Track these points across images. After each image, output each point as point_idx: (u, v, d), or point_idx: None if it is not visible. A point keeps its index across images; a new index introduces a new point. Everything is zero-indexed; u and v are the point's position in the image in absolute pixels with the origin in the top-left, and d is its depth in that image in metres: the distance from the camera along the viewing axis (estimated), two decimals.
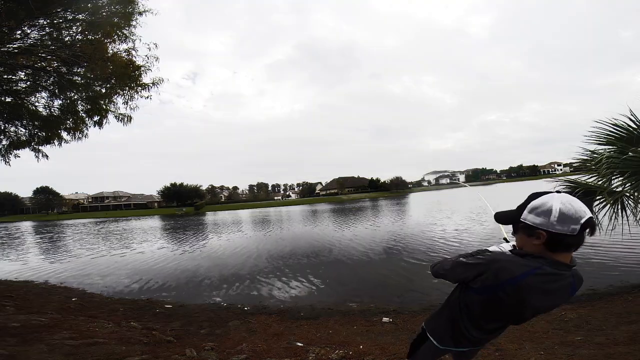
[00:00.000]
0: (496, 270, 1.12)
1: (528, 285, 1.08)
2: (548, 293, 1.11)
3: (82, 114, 7.30)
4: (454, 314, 1.35)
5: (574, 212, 1.04)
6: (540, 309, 1.17)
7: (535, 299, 1.11)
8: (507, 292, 1.11)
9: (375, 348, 3.40)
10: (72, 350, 2.98)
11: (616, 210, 4.14)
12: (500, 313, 1.20)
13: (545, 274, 1.09)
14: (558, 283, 1.11)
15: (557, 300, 1.16)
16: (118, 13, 6.00)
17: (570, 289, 1.15)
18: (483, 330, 1.30)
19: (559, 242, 1.07)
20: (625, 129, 4.12)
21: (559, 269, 1.10)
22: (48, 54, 5.83)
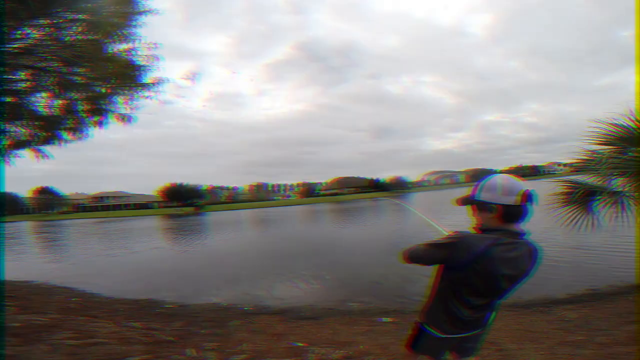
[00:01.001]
0: (466, 246, 1.26)
1: (493, 255, 1.24)
2: (512, 260, 1.27)
3: (82, 114, 7.30)
4: (442, 298, 1.44)
5: (512, 186, 1.26)
6: (512, 276, 1.30)
7: (503, 267, 1.26)
8: (478, 264, 1.25)
9: (377, 348, 3.40)
10: (73, 350, 2.98)
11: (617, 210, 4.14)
12: (480, 286, 1.32)
13: (505, 243, 1.26)
14: (518, 250, 1.29)
15: (523, 266, 1.32)
16: (119, 13, 6.00)
17: (532, 256, 1.35)
18: (472, 308, 1.38)
19: (508, 213, 1.27)
20: (626, 128, 4.12)
21: (514, 237, 1.29)
22: (49, 54, 5.83)
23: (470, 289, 1.34)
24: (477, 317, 1.42)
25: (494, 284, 1.30)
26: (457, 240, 1.29)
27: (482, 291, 1.34)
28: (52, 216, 67.64)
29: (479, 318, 1.44)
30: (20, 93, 6.69)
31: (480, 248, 1.24)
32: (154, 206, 79.32)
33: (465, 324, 1.42)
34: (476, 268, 1.26)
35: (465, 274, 1.30)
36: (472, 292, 1.35)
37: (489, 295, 1.37)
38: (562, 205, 4.81)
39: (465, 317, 1.40)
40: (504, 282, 1.30)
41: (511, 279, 1.31)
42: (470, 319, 1.41)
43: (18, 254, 15.19)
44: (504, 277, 1.29)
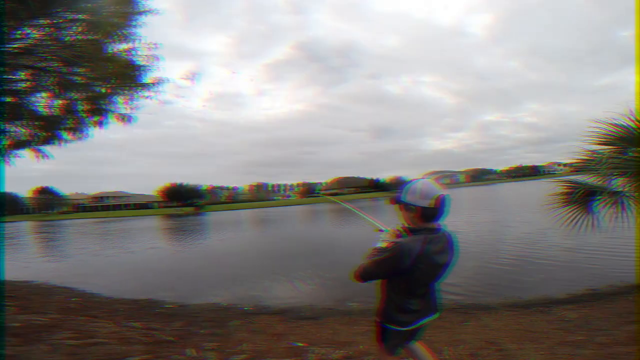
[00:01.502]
0: (406, 252, 1.43)
1: (428, 252, 1.46)
2: (440, 251, 1.52)
3: (82, 114, 7.30)
4: (393, 297, 1.63)
5: (429, 191, 1.47)
6: (445, 264, 1.58)
7: (437, 258, 1.51)
8: (420, 263, 1.45)
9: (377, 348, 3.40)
10: (73, 350, 2.99)
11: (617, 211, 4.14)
12: (423, 278, 1.54)
13: (432, 241, 1.48)
14: (441, 242, 1.54)
15: (449, 253, 1.59)
16: (119, 13, 6.00)
17: (450, 244, 1.60)
18: (418, 297, 1.61)
19: (425, 214, 1.48)
20: (626, 128, 4.12)
21: (435, 233, 1.52)
22: (49, 54, 5.83)
23: (416, 283, 1.55)
24: (426, 305, 1.65)
25: (433, 273, 1.56)
26: (397, 250, 1.46)
27: (425, 281, 1.57)
28: (52, 216, 67.64)
29: (427, 305, 1.67)
30: (20, 93, 6.69)
31: (417, 250, 1.44)
32: (154, 206, 79.34)
33: (418, 313, 1.64)
34: (419, 266, 1.46)
35: (412, 274, 1.48)
36: (418, 284, 1.56)
37: (430, 282, 1.61)
38: (562, 206, 4.82)
39: (417, 308, 1.61)
40: (439, 269, 1.57)
41: (444, 265, 1.58)
42: (421, 308, 1.63)
43: (18, 254, 15.19)
44: (441, 267, 1.56)
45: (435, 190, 1.47)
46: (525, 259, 7.87)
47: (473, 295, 5.70)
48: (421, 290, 1.60)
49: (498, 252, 8.81)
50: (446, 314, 4.71)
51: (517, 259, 7.97)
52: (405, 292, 1.58)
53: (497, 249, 9.31)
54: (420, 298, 1.62)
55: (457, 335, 3.72)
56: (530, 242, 9.68)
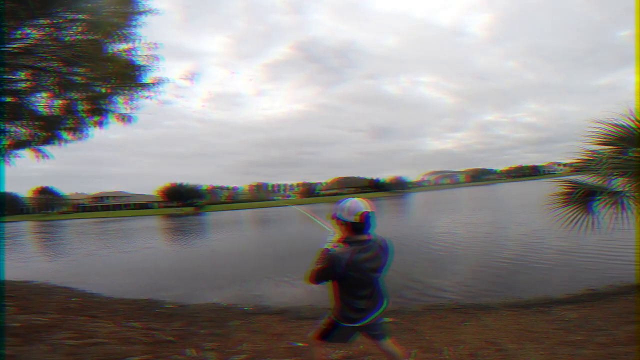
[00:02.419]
0: (337, 261, 1.73)
1: (356, 260, 1.75)
2: (370, 259, 1.80)
3: (82, 114, 7.29)
4: (342, 298, 1.89)
5: (355, 208, 1.77)
6: (375, 268, 1.85)
7: (365, 264, 1.78)
8: (351, 270, 1.74)
9: (376, 347, 3.39)
10: (73, 350, 2.99)
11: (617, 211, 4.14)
12: (358, 281, 1.81)
13: (360, 250, 1.77)
14: (372, 251, 1.82)
15: (380, 259, 1.87)
16: (119, 13, 6.00)
17: (384, 250, 1.90)
18: (363, 298, 1.87)
19: (354, 228, 1.79)
20: (626, 129, 4.12)
21: (365, 243, 1.81)
22: (49, 54, 5.83)
23: (354, 285, 1.83)
24: (370, 304, 1.90)
25: (366, 277, 1.82)
26: (330, 260, 1.75)
27: (361, 284, 1.84)
28: (52, 216, 67.63)
29: (374, 302, 1.92)
30: (20, 93, 6.69)
31: (346, 259, 1.73)
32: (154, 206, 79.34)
33: (365, 311, 1.89)
34: (349, 272, 1.75)
35: (346, 278, 1.78)
36: (357, 287, 1.84)
37: (368, 285, 1.87)
38: (562, 206, 4.81)
39: (362, 306, 1.88)
40: (371, 272, 1.84)
41: (375, 269, 1.85)
42: (366, 306, 1.89)
43: (18, 254, 15.19)
44: (370, 270, 1.82)
45: (360, 208, 1.77)
46: (525, 259, 7.87)
47: (473, 296, 5.70)
48: (364, 292, 1.87)
49: (497, 252, 8.81)
50: (446, 314, 4.71)
51: (516, 259, 7.97)
52: (350, 293, 1.85)
53: (496, 249, 9.30)
54: (366, 299, 1.88)
55: (457, 336, 3.71)
56: (530, 242, 9.68)
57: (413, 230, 14.73)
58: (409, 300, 5.80)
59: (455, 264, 8.14)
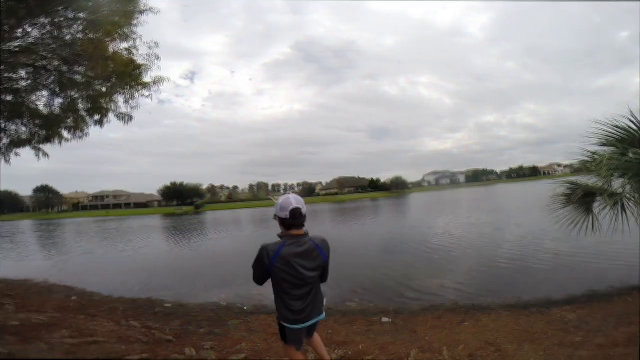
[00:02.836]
0: (266, 253, 1.78)
1: (285, 254, 1.77)
2: (300, 254, 1.80)
3: (82, 113, 7.28)
4: (279, 298, 1.90)
5: (286, 204, 1.79)
6: (305, 265, 1.81)
7: (295, 259, 1.78)
8: (279, 263, 1.77)
9: (375, 348, 3.40)
10: (71, 349, 2.98)
11: (616, 212, 4.14)
12: (290, 278, 1.81)
13: (290, 244, 1.79)
14: (303, 246, 1.81)
15: (312, 258, 1.84)
16: (119, 12, 5.99)
17: (318, 249, 1.87)
18: (298, 299, 1.85)
19: (286, 223, 1.81)
20: (626, 130, 4.11)
21: (296, 238, 1.82)
22: (49, 52, 5.82)
23: (287, 284, 1.82)
24: (309, 306, 1.89)
25: (297, 273, 1.80)
26: (260, 252, 1.81)
27: (295, 282, 1.82)
28: (52, 215, 67.60)
29: (312, 307, 1.90)
30: (20, 92, 6.68)
31: (275, 251, 1.77)
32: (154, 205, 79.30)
33: (302, 313, 1.87)
34: (278, 266, 1.77)
35: (276, 273, 1.80)
36: (290, 286, 1.83)
37: (302, 284, 1.84)
38: (561, 207, 4.81)
39: (298, 308, 1.86)
40: (304, 270, 1.81)
41: (309, 268, 1.83)
42: (301, 308, 1.86)
43: (17, 253, 15.18)
44: (302, 267, 1.80)
45: (291, 204, 1.80)
46: (524, 260, 7.87)
47: (472, 296, 5.70)
48: (299, 292, 1.85)
49: (496, 253, 8.82)
50: (445, 315, 4.71)
51: (515, 260, 7.97)
52: (285, 292, 1.85)
53: (495, 250, 9.31)
54: (301, 300, 1.86)
55: (456, 336, 3.72)
56: (529, 243, 9.68)
57: (412, 231, 14.74)
58: (407, 300, 5.81)
59: (454, 265, 8.15)
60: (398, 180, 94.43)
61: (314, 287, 1.90)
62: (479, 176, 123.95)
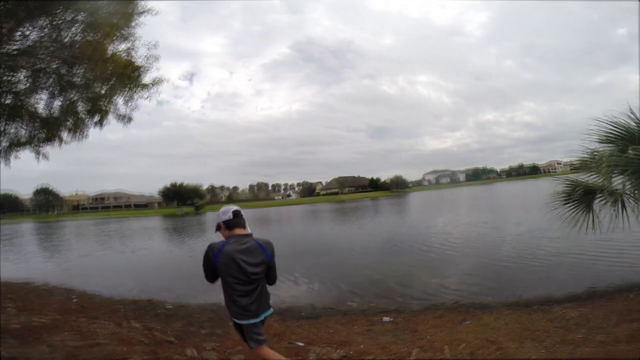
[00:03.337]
0: (210, 250, 1.98)
1: (228, 250, 1.94)
2: (243, 251, 1.96)
3: (82, 115, 7.28)
4: (227, 294, 2.03)
5: (227, 209, 2.08)
6: (248, 262, 1.96)
7: (238, 257, 1.94)
8: (222, 259, 1.93)
9: (376, 347, 3.40)
10: (73, 351, 2.98)
11: (617, 209, 4.13)
12: (235, 274, 1.95)
13: (233, 242, 1.98)
14: (245, 245, 1.98)
15: (254, 255, 1.99)
16: (118, 13, 5.99)
17: (260, 247, 2.03)
18: (244, 295, 1.98)
19: (228, 224, 2.04)
20: (625, 127, 4.10)
21: (239, 237, 2.01)
22: (48, 54, 5.81)
23: (232, 279, 1.96)
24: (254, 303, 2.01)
25: (240, 268, 1.94)
26: (206, 250, 2.00)
27: (239, 277, 1.95)
28: (52, 217, 67.59)
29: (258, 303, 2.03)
30: (19, 94, 6.68)
31: (219, 248, 1.96)
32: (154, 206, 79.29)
33: (250, 310, 1.99)
34: (222, 262, 1.93)
35: (222, 269, 1.95)
36: (235, 281, 1.96)
37: (247, 280, 1.97)
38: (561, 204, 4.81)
39: (244, 304, 1.98)
40: (247, 265, 1.95)
41: (252, 263, 1.97)
42: (247, 304, 1.99)
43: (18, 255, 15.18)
44: (245, 262, 1.95)
45: (231, 208, 2.08)
46: (525, 258, 7.87)
47: (473, 295, 5.70)
48: (244, 288, 1.98)
49: (497, 252, 8.82)
50: (446, 313, 4.72)
51: (516, 258, 7.97)
52: (232, 287, 1.98)
53: (496, 248, 9.31)
54: (247, 296, 1.99)
55: (458, 334, 3.72)
56: (530, 241, 9.68)
57: (412, 230, 14.74)
58: (408, 299, 5.81)
59: (455, 264, 8.15)
60: (398, 179, 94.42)
61: (259, 284, 2.05)
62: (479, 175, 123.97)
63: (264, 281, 2.11)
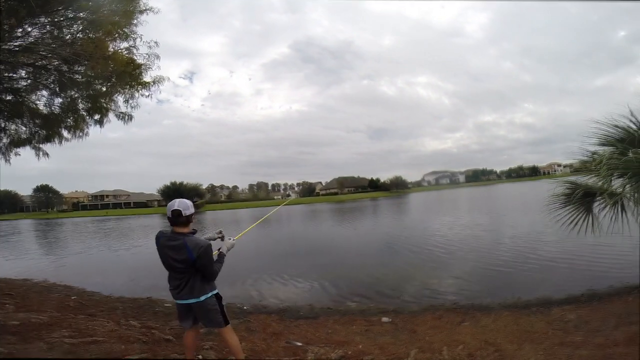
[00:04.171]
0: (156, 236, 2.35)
1: (160, 243, 2.31)
2: (169, 247, 2.27)
3: (82, 113, 7.27)
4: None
5: (169, 206, 2.28)
6: (172, 256, 2.27)
7: (163, 250, 2.30)
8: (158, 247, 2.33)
9: (375, 348, 3.40)
10: (71, 349, 2.98)
11: (616, 212, 4.13)
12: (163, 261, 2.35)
13: (165, 237, 2.30)
14: (173, 242, 2.25)
15: (178, 252, 2.25)
16: (119, 11, 5.98)
17: (186, 247, 2.22)
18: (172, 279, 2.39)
19: (170, 220, 2.28)
20: (625, 129, 4.10)
21: (173, 234, 2.29)
22: (49, 52, 5.81)
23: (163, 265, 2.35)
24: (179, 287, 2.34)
25: (166, 260, 2.31)
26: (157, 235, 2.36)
27: (166, 265, 2.34)
28: (52, 215, 67.58)
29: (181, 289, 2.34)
30: (20, 91, 6.68)
31: (157, 237, 2.32)
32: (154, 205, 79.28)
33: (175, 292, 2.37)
34: (158, 249, 2.33)
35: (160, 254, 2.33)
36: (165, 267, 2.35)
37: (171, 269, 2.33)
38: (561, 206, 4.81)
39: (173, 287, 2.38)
40: (172, 260, 2.28)
41: (176, 259, 2.26)
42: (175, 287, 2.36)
43: (17, 252, 15.18)
44: (170, 257, 2.27)
45: (171, 206, 2.27)
46: (524, 260, 7.87)
47: (471, 296, 5.70)
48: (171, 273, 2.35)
49: (496, 254, 8.81)
50: (445, 315, 4.71)
51: (515, 260, 7.97)
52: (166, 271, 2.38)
53: (495, 250, 9.31)
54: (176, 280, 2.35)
55: (456, 336, 3.72)
56: (529, 243, 9.68)
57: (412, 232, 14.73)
58: (407, 300, 5.81)
59: (455, 265, 8.15)
60: (398, 180, 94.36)
61: (186, 274, 2.30)
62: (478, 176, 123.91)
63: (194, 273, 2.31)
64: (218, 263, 2.47)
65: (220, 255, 2.56)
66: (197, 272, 2.31)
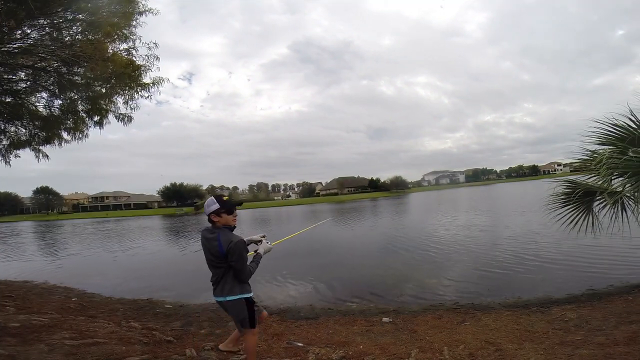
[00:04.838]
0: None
1: (202, 235, 2.44)
2: (207, 239, 2.36)
3: (82, 114, 7.27)
4: None
5: (206, 205, 2.42)
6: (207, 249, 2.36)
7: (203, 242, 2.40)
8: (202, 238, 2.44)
9: (375, 348, 3.40)
10: (72, 350, 2.98)
11: (616, 211, 4.14)
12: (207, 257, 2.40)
13: (206, 230, 2.42)
14: (210, 235, 2.35)
15: (212, 245, 2.31)
16: (118, 13, 5.98)
17: (218, 240, 2.28)
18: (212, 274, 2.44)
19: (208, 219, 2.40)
20: (626, 129, 4.10)
21: (211, 228, 2.40)
22: (48, 54, 5.81)
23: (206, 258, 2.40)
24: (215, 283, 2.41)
25: (205, 254, 2.39)
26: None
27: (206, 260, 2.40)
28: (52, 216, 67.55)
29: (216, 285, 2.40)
30: (19, 93, 6.68)
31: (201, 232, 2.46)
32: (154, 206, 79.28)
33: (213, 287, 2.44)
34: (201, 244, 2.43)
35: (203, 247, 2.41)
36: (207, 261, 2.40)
37: (208, 261, 2.39)
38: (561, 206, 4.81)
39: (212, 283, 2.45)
40: (207, 254, 2.36)
41: (211, 253, 2.32)
42: (213, 284, 2.43)
43: (17, 254, 15.17)
44: (207, 251, 2.35)
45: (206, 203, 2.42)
46: (524, 259, 7.87)
47: (472, 296, 5.70)
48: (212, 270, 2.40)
49: (497, 253, 8.81)
50: (445, 314, 4.71)
51: (516, 259, 7.97)
52: None
53: (496, 249, 9.31)
54: (213, 276, 2.41)
55: (457, 335, 3.72)
56: (530, 242, 9.68)
57: (412, 231, 14.73)
58: (407, 300, 5.81)
59: (455, 265, 8.15)
60: (398, 179, 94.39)
61: (220, 270, 2.34)
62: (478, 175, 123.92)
63: (227, 270, 2.33)
64: (253, 263, 2.47)
65: (256, 256, 2.56)
66: (229, 270, 2.33)
